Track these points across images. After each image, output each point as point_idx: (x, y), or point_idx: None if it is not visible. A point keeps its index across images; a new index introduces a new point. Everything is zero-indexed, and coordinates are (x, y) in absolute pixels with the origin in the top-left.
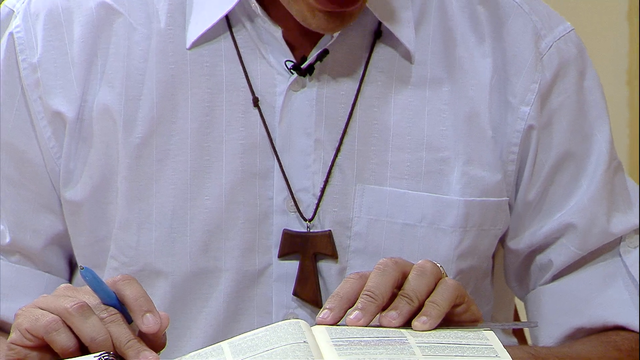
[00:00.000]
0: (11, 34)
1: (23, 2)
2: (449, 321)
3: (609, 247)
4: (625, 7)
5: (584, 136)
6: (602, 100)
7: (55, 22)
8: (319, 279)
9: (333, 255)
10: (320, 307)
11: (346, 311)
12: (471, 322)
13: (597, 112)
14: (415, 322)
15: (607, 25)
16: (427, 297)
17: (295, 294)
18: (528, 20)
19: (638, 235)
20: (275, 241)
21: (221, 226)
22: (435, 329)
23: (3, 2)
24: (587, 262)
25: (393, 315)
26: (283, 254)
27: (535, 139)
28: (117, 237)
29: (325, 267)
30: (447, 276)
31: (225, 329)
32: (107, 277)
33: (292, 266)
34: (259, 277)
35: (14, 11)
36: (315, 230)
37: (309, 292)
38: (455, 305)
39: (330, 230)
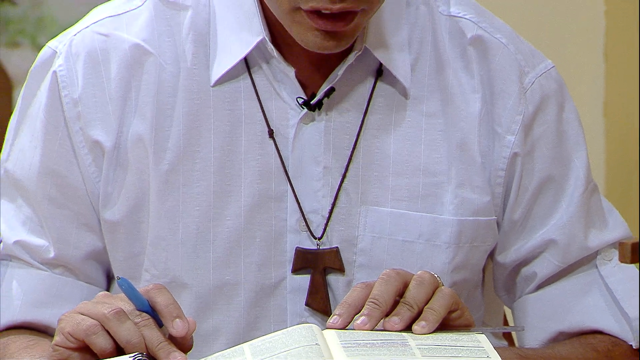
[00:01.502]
0: (54, 72)
1: (65, 44)
2: (445, 325)
3: (587, 260)
4: (602, 45)
5: (563, 162)
6: (580, 129)
7: (94, 62)
8: (328, 290)
9: (340, 270)
10: (330, 316)
11: (353, 317)
12: (465, 327)
13: (575, 140)
14: (415, 327)
15: (585, 62)
16: (426, 304)
17: (307, 304)
18: (513, 58)
19: (613, 249)
20: (289, 257)
21: (240, 244)
22: (433, 332)
23: (46, 44)
24: (567, 273)
25: (395, 320)
26: (296, 269)
27: (519, 165)
28: (149, 252)
29: (334, 280)
30: (443, 285)
31: (244, 336)
32: (142, 286)
33: (304, 280)
34: (274, 289)
35: (56, 52)
36: (325, 247)
37: (319, 303)
38: (450, 312)
39: (337, 247)
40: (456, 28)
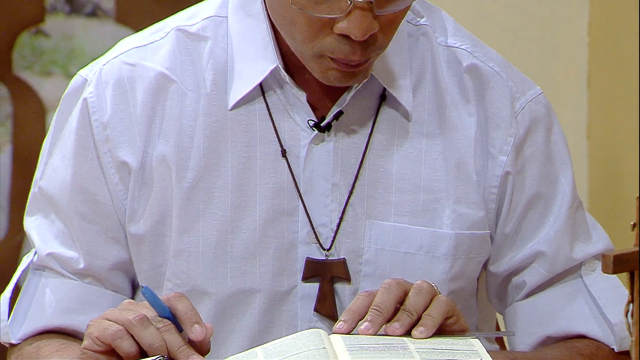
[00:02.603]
0: (85, 99)
1: (95, 73)
2: (442, 331)
3: (572, 271)
4: (585, 74)
5: (551, 180)
6: (566, 150)
7: (122, 89)
8: (335, 298)
9: (347, 279)
10: (336, 321)
11: (357, 322)
12: (460, 332)
13: (561, 160)
14: (414, 332)
15: (570, 89)
16: (424, 311)
17: (316, 310)
18: (505, 85)
19: (596, 261)
20: (299, 267)
21: (256, 254)
22: (430, 337)
23: (78, 72)
24: (554, 282)
25: (396, 326)
26: (306, 278)
27: (511, 183)
28: (171, 263)
29: (341, 288)
30: (440, 294)
31: (258, 339)
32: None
33: (314, 287)
34: (286, 296)
35: (87, 80)
36: (332, 258)
37: (327, 309)
38: (447, 318)
39: (344, 258)
40: (453, 57)
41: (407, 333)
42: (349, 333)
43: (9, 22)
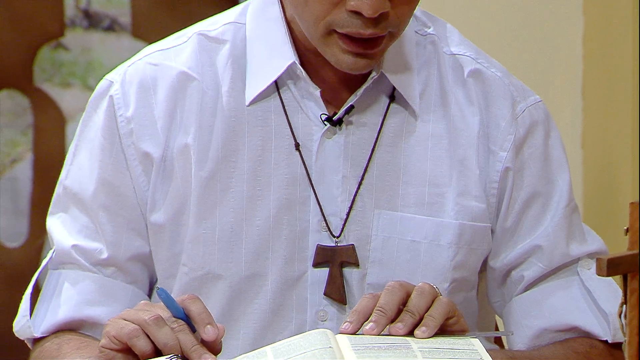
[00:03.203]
0: (111, 96)
1: (120, 74)
2: (443, 331)
3: (568, 265)
4: (580, 85)
5: (548, 180)
6: (563, 155)
7: (146, 87)
8: (344, 282)
9: (356, 264)
10: (345, 305)
11: (363, 323)
12: (460, 332)
13: (559, 162)
14: (417, 332)
15: (566, 100)
16: (426, 311)
17: (325, 294)
18: (507, 89)
19: (591, 260)
20: (310, 253)
21: (269, 241)
22: (432, 337)
23: (104, 77)
24: (551, 276)
25: (400, 326)
26: (316, 264)
27: (510, 179)
28: (187, 249)
29: (349, 273)
30: (441, 295)
31: (270, 321)
32: (180, 280)
33: (323, 273)
34: (297, 281)
35: (113, 82)
36: (342, 245)
37: (336, 293)
38: (448, 318)
39: (353, 245)
40: (457, 63)
41: (410, 333)
42: (354, 333)
43: (30, 37)
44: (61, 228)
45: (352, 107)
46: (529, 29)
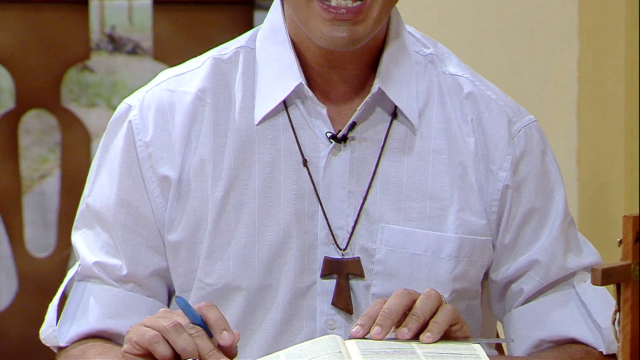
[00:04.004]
0: (130, 121)
1: (139, 99)
2: (446, 337)
3: (565, 279)
4: (575, 105)
5: (545, 197)
6: (559, 172)
7: (163, 112)
8: (351, 293)
9: (361, 275)
10: (352, 314)
11: (372, 326)
12: (463, 338)
13: (554, 180)
14: (422, 337)
15: (562, 119)
16: (431, 317)
17: (333, 304)
18: (502, 111)
19: (587, 272)
20: (319, 265)
21: (280, 254)
22: (436, 342)
23: (123, 100)
24: (549, 290)
25: (405, 331)
26: (324, 275)
27: (509, 197)
28: (204, 264)
29: (355, 284)
30: (446, 302)
31: (282, 330)
32: (198, 294)
33: (331, 284)
34: (307, 292)
35: (132, 106)
36: (348, 257)
37: (343, 303)
38: (452, 325)
39: (359, 257)
40: (456, 84)
41: (415, 338)
42: (364, 336)
43: (58, 60)
44: (84, 244)
45: (354, 123)
46: (526, 52)
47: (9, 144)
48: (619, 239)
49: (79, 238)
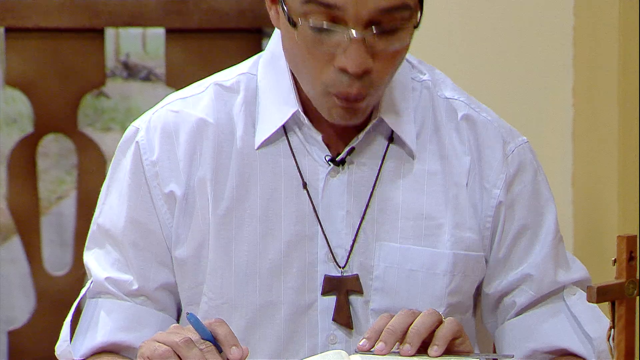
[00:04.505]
0: (137, 142)
1: (145, 121)
2: (449, 351)
3: (555, 293)
4: (571, 130)
5: (537, 214)
6: (549, 190)
7: (168, 132)
8: (350, 309)
9: (360, 292)
10: (352, 329)
11: (377, 340)
12: (466, 353)
13: (546, 198)
14: (430, 350)
15: (557, 143)
16: (432, 332)
17: (334, 320)
18: (497, 131)
19: (576, 287)
20: (319, 283)
21: (281, 272)
22: (439, 357)
23: (131, 124)
24: (540, 302)
25: (407, 347)
26: (324, 292)
27: (503, 214)
28: (208, 280)
29: (355, 300)
30: (445, 320)
31: (284, 347)
32: (202, 308)
33: (331, 301)
34: (308, 308)
35: (139, 128)
36: (347, 275)
37: (344, 319)
38: (454, 339)
39: (357, 274)
40: (451, 107)
41: (418, 352)
42: (370, 349)
43: (75, 86)
44: (96, 262)
45: (353, 148)
46: (524, 79)
47: (27, 166)
48: (613, 258)
49: (90, 257)
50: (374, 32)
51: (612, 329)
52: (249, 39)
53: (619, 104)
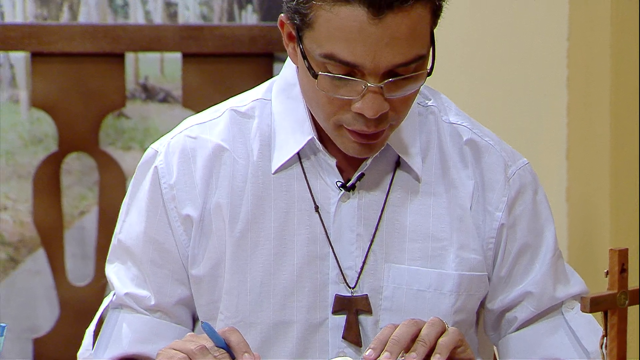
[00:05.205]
0: (156, 166)
1: (164, 145)
2: (451, 359)
3: (555, 308)
4: (565, 147)
5: (537, 233)
6: (549, 209)
7: (186, 157)
8: (360, 328)
9: (369, 312)
10: (361, 347)
11: (383, 350)
12: None
13: (545, 217)
14: (432, 359)
15: (552, 161)
16: (436, 341)
17: (343, 337)
18: (499, 155)
19: (574, 301)
20: (330, 302)
21: (294, 292)
22: None
23: (150, 145)
24: (540, 318)
25: (413, 355)
26: (335, 311)
27: (505, 235)
28: (224, 299)
29: (364, 319)
30: (449, 328)
31: None
32: (218, 325)
33: (342, 319)
34: (319, 327)
35: (158, 151)
36: (357, 295)
37: (353, 337)
38: (456, 347)
39: (367, 295)
40: (455, 132)
41: None
42: (376, 359)
43: (96, 107)
44: (116, 277)
45: (362, 174)
46: (520, 100)
47: (52, 183)
48: (605, 270)
49: (111, 271)
50: (390, 81)
51: (605, 338)
52: (260, 63)
53: (611, 123)
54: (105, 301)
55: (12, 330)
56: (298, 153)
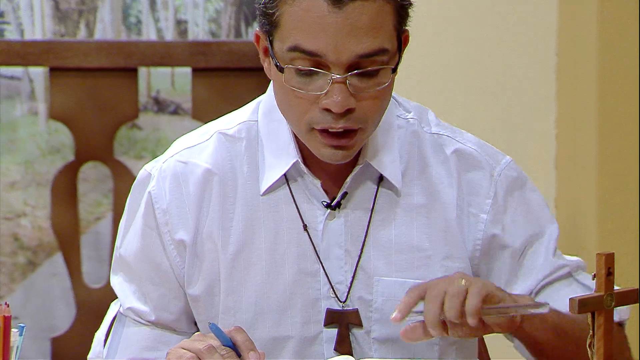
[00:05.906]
0: (149, 192)
1: (156, 169)
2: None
3: (564, 277)
4: (554, 157)
5: (536, 222)
6: (540, 197)
7: (177, 183)
8: (352, 338)
9: (360, 324)
10: (353, 357)
11: (409, 312)
12: (504, 308)
13: (538, 204)
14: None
15: (542, 170)
16: (463, 305)
17: (335, 349)
18: (483, 159)
19: (581, 270)
20: (322, 316)
21: (287, 308)
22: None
23: (144, 166)
24: (551, 283)
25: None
26: (327, 324)
27: (494, 234)
28: (221, 318)
29: (355, 332)
30: (465, 281)
31: None
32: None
33: (334, 332)
34: (314, 340)
35: (151, 174)
36: (348, 309)
37: (345, 349)
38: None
39: (357, 309)
40: (437, 142)
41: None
42: (401, 320)
43: (111, 119)
44: (120, 288)
45: (346, 192)
46: (511, 112)
47: (69, 190)
48: (593, 274)
49: (116, 282)
50: (354, 73)
51: (592, 337)
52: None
53: (598, 135)
54: (113, 309)
55: (31, 329)
56: (285, 175)
